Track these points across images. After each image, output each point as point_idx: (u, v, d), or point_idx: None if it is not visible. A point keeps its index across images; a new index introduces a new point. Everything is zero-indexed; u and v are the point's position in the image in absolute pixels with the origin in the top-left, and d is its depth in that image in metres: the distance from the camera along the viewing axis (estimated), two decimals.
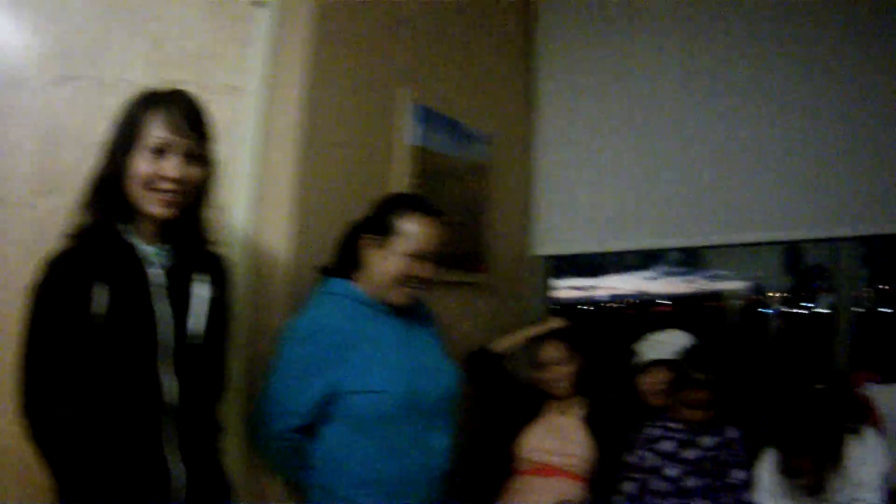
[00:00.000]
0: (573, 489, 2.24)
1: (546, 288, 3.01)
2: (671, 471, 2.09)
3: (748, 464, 2.07)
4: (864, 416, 2.03)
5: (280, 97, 1.87)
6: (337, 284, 1.71)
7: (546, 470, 2.28)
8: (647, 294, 5.22)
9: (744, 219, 2.60)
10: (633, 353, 2.34)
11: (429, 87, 2.37)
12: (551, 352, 2.35)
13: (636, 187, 2.78)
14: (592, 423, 2.33)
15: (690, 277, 4.96)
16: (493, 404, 2.48)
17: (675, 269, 5.00)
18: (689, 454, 2.09)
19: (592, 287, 5.05)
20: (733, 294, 4.58)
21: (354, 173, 2.08)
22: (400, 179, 2.24)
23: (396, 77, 2.25)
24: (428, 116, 2.33)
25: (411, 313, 1.77)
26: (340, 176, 2.02)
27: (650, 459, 2.13)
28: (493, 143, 2.65)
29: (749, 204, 2.58)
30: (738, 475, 2.05)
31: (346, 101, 2.04)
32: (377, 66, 2.18)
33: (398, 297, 1.68)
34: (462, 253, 2.45)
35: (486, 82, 2.72)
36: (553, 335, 2.40)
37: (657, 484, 2.09)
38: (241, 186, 1.82)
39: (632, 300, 5.24)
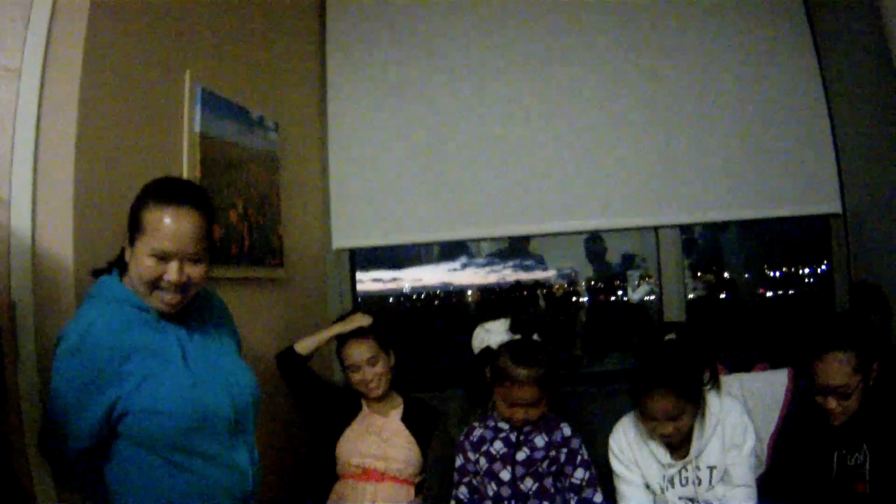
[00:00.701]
0: (400, 494, 2.19)
1: (350, 282, 2.94)
2: (505, 474, 1.98)
3: (588, 462, 2.03)
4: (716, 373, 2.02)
5: (54, 80, 1.61)
6: (108, 287, 1.46)
7: (369, 474, 2.20)
8: (456, 285, 5.22)
9: (553, 209, 2.75)
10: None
11: (216, 72, 2.21)
12: (361, 351, 2.25)
13: (435, 179, 2.83)
14: (411, 423, 2.27)
15: (501, 267, 5.03)
16: (309, 407, 2.38)
17: (489, 260, 5.07)
18: (521, 455, 1.99)
19: (399, 279, 4.99)
20: (547, 283, 4.73)
21: (137, 163, 1.84)
22: (184, 169, 2.05)
23: (181, 61, 2.06)
24: (214, 102, 2.16)
25: (199, 315, 1.58)
26: (122, 165, 1.80)
27: (482, 462, 2.02)
28: (283, 132, 2.54)
29: (557, 195, 2.74)
30: (578, 475, 2.00)
31: (126, 86, 1.81)
32: (161, 49, 1.97)
33: (154, 303, 1.44)
34: (256, 247, 2.32)
35: (278, 69, 2.60)
36: (358, 333, 2.28)
37: (492, 488, 1.99)
38: (18, 179, 1.55)
39: (444, 292, 5.20)
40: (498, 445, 2.02)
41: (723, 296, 4.29)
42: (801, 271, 4.00)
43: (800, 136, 2.67)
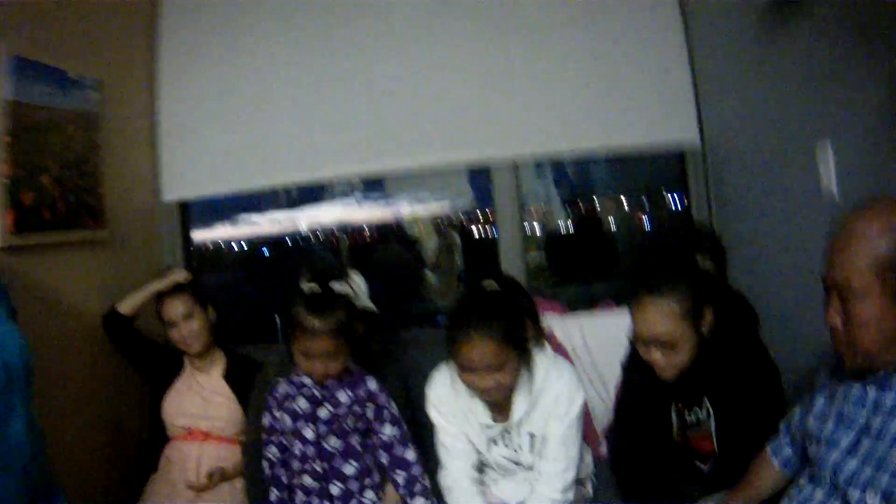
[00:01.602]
0: (225, 454, 2.22)
1: (183, 237, 2.94)
2: (308, 432, 1.91)
3: (397, 418, 1.96)
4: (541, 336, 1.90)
5: None
6: None
7: (194, 435, 2.22)
8: (354, 223, 5.00)
9: (385, 147, 2.73)
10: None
11: (33, 37, 2.18)
12: (176, 307, 2.26)
13: (268, 123, 2.83)
14: (233, 380, 2.30)
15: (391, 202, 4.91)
16: (139, 368, 2.40)
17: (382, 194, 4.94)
18: (324, 412, 1.92)
19: (296, 219, 4.82)
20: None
21: None
22: None
23: None
24: (24, 67, 2.14)
25: None
26: None
27: (287, 420, 1.94)
28: (107, 90, 2.52)
29: (392, 132, 2.72)
30: (387, 431, 1.95)
31: None
32: None
33: None
34: (73, 210, 2.33)
35: (99, 24, 2.54)
36: (176, 290, 2.30)
37: (298, 447, 1.92)
38: None
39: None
40: (301, 402, 1.93)
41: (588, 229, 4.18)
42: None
43: (656, 64, 2.58)
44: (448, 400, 1.82)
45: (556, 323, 2.33)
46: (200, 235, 3.39)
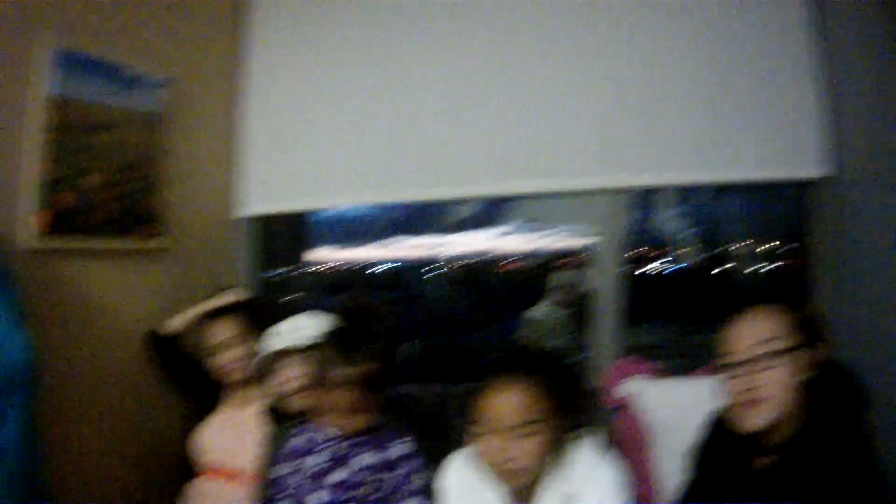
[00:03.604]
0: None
1: (257, 254, 2.69)
2: (316, 497, 1.62)
3: (426, 490, 1.61)
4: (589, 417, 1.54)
5: None
6: None
7: (224, 472, 1.99)
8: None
9: (487, 169, 2.40)
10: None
11: (82, 29, 2.06)
12: (219, 332, 2.01)
13: (365, 141, 2.54)
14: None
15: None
16: (180, 391, 2.16)
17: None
18: (337, 476, 1.62)
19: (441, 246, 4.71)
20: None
21: None
22: (33, 135, 1.94)
23: (33, 20, 1.93)
24: (73, 62, 2.02)
25: None
26: None
27: (297, 477, 1.67)
28: (177, 89, 2.36)
29: (484, 153, 2.39)
30: None
31: None
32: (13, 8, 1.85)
33: None
34: (123, 215, 2.18)
35: (176, 19, 2.39)
36: (223, 312, 2.05)
37: None
38: None
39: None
40: (313, 459, 1.65)
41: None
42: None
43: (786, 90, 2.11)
44: (461, 490, 1.49)
45: (645, 386, 1.96)
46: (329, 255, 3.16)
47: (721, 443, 1.43)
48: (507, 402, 1.33)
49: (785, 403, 1.29)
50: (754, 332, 1.33)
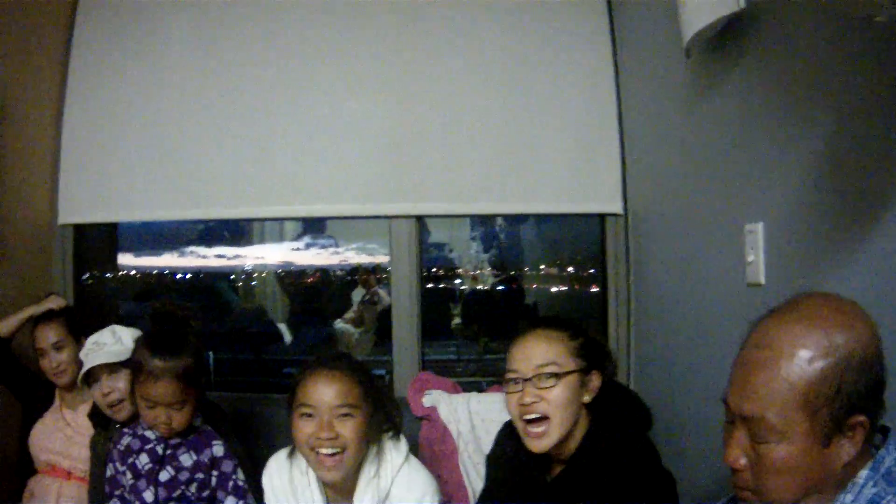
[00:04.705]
0: (85, 495, 2.06)
1: (74, 262, 2.66)
2: (148, 494, 1.72)
3: (242, 489, 1.78)
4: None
5: None
6: None
7: (56, 471, 2.10)
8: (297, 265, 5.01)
9: (283, 193, 2.54)
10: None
11: None
12: (46, 335, 2.11)
13: (180, 155, 2.57)
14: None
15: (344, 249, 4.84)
16: (13, 393, 2.23)
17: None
18: (165, 475, 1.74)
19: (242, 256, 4.73)
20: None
21: None
22: None
23: None
24: None
25: None
26: None
27: (129, 476, 1.76)
28: (4, 92, 2.27)
29: (286, 178, 2.53)
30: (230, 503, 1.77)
31: None
32: None
33: None
34: None
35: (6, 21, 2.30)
36: (48, 316, 2.14)
37: None
38: None
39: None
40: (143, 459, 1.76)
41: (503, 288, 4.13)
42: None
43: (587, 132, 2.50)
44: (282, 488, 1.63)
45: (443, 400, 2.26)
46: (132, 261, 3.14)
47: (513, 454, 1.56)
48: (328, 387, 1.52)
49: (564, 422, 1.43)
50: (536, 353, 1.46)
